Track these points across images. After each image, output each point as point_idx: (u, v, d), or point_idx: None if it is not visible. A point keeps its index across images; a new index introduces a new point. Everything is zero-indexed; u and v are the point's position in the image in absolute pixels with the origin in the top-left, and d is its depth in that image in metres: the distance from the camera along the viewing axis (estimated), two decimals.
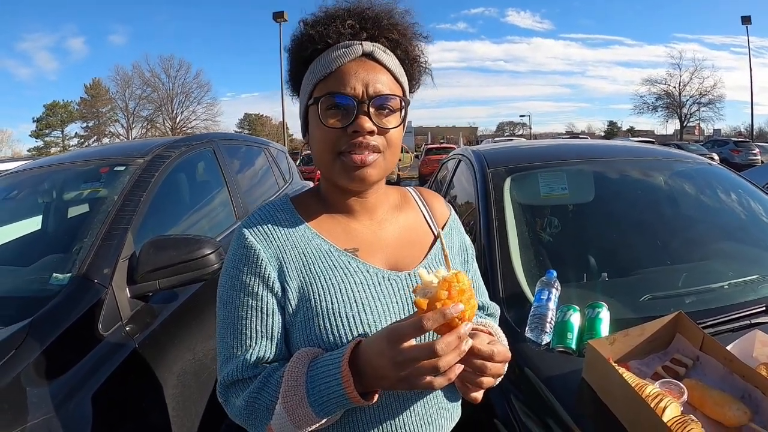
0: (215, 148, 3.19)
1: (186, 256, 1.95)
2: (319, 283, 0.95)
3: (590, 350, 1.33)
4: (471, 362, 0.84)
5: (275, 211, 1.02)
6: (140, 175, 2.36)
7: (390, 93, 0.96)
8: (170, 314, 2.08)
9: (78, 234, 2.09)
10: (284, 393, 0.85)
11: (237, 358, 0.93)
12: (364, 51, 0.96)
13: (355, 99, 0.93)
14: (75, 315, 1.71)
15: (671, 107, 52.43)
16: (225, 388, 0.95)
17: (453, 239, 1.15)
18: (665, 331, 1.48)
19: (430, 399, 1.01)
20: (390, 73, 0.99)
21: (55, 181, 2.80)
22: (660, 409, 1.13)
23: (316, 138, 0.97)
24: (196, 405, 2.04)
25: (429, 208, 1.16)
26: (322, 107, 0.94)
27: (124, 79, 53.39)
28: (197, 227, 2.76)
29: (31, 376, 1.47)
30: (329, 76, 0.95)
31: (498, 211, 2.16)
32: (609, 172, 2.65)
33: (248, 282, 0.94)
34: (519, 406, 1.41)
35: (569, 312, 1.55)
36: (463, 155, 3.08)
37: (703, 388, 1.27)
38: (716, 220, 2.49)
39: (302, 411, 0.83)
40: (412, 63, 1.05)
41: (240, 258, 0.96)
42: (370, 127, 0.93)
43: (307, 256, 0.97)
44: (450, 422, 1.07)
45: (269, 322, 0.94)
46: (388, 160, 0.99)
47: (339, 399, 0.81)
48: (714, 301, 1.73)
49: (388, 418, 0.96)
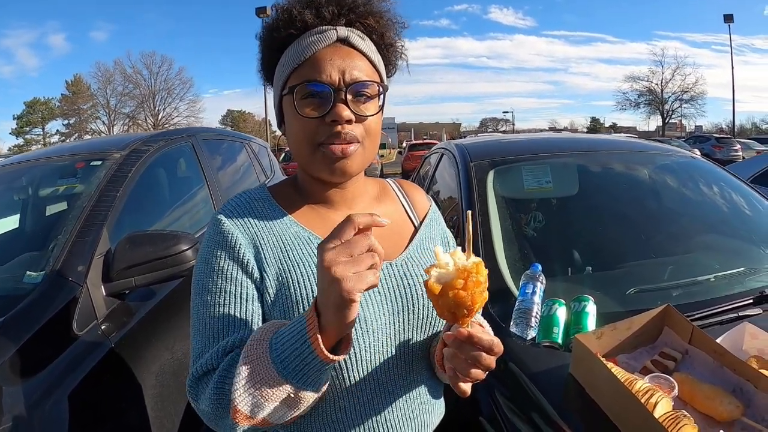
0: (194, 143, 3.13)
1: (163, 252, 1.90)
2: (298, 270, 0.91)
3: (577, 345, 1.31)
4: (467, 352, 0.79)
5: (252, 199, 0.98)
6: (116, 170, 2.30)
7: (367, 79, 0.92)
8: (147, 312, 2.03)
9: (54, 231, 2.03)
10: (246, 350, 0.78)
11: (211, 347, 0.87)
12: (338, 36, 0.93)
13: (331, 86, 0.89)
14: (48, 314, 1.66)
15: (653, 104, 53.15)
16: (195, 381, 0.86)
17: (434, 230, 1.12)
18: (653, 324, 1.46)
19: (413, 395, 0.98)
20: (366, 58, 0.95)
21: (31, 178, 2.73)
22: (651, 404, 1.10)
23: (293, 129, 0.93)
24: (175, 405, 2.00)
25: (409, 199, 1.13)
26: (298, 96, 0.90)
27: (105, 76, 52.99)
28: (176, 224, 2.71)
29: (4, 377, 1.43)
30: (303, 64, 0.91)
31: (481, 205, 2.13)
32: (593, 165, 2.64)
33: (225, 267, 0.90)
34: (504, 403, 1.38)
35: (555, 306, 1.53)
36: (446, 149, 3.06)
37: (693, 383, 1.25)
38: (701, 213, 2.49)
39: (262, 368, 0.75)
40: (388, 48, 1.01)
41: (216, 243, 0.92)
42: (348, 116, 0.89)
43: (285, 242, 0.93)
44: (434, 418, 1.04)
45: (247, 309, 0.89)
46: (367, 149, 0.95)
47: (301, 349, 0.73)
48: (701, 294, 1.72)
49: (370, 415, 0.93)
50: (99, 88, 53.39)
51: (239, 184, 3.71)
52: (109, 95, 53.25)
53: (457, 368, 0.81)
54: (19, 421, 1.37)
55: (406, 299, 0.96)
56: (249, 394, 0.75)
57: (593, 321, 1.51)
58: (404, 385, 0.97)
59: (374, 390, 0.93)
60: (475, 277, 0.73)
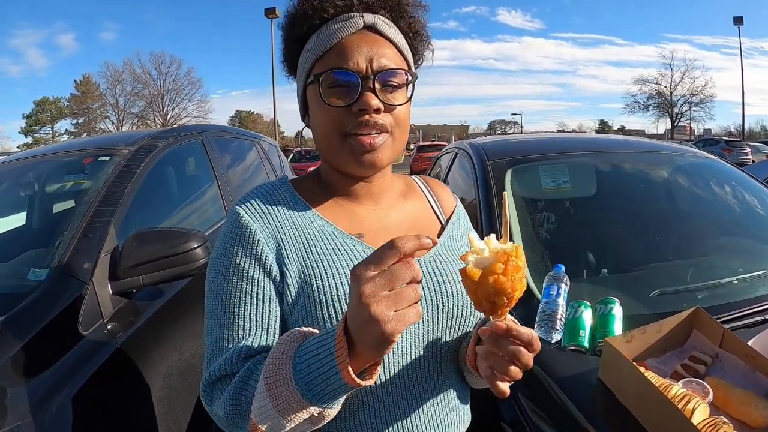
0: (204, 140, 3.10)
1: (172, 250, 1.85)
2: (322, 267, 0.85)
3: (608, 349, 1.26)
4: (505, 347, 0.73)
5: (273, 190, 0.93)
6: (125, 166, 2.26)
7: (396, 67, 0.88)
8: (155, 312, 1.99)
9: (59, 228, 1.99)
10: (267, 368, 0.72)
11: (226, 351, 0.82)
12: (365, 23, 0.89)
13: (358, 74, 0.85)
14: (53, 312, 1.61)
15: (662, 107, 52.94)
16: (210, 385, 0.82)
17: (461, 228, 1.07)
18: (682, 327, 1.42)
19: (440, 399, 0.93)
20: (394, 45, 0.91)
21: (38, 174, 2.70)
22: (688, 411, 1.06)
23: (319, 119, 0.89)
24: (183, 408, 1.96)
25: (435, 196, 1.09)
26: (323, 85, 0.86)
27: (114, 76, 53.40)
28: (185, 221, 2.68)
29: (6, 376, 1.39)
30: (329, 52, 0.87)
31: (500, 204, 2.07)
32: (611, 165, 2.60)
33: (242, 265, 0.84)
34: (530, 408, 1.34)
35: (580, 308, 1.48)
36: (460, 148, 3.00)
37: (726, 387, 1.21)
38: (721, 214, 2.45)
39: (286, 390, 0.69)
40: (415, 36, 0.97)
41: (233, 238, 0.86)
42: (377, 105, 0.85)
43: (308, 237, 0.88)
44: (461, 425, 0.99)
45: (265, 310, 0.83)
46: (397, 140, 0.90)
47: (328, 374, 0.66)
48: (726, 297, 1.68)
49: (395, 420, 0.87)
50: (108, 88, 53.89)
51: (249, 182, 3.68)
52: (118, 95, 53.73)
53: (494, 366, 0.75)
54: (23, 422, 1.32)
55: (436, 297, 0.91)
56: (269, 414, 0.70)
57: (620, 324, 1.46)
58: (432, 389, 0.92)
59: (401, 394, 0.88)
60: (514, 261, 0.68)
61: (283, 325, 0.85)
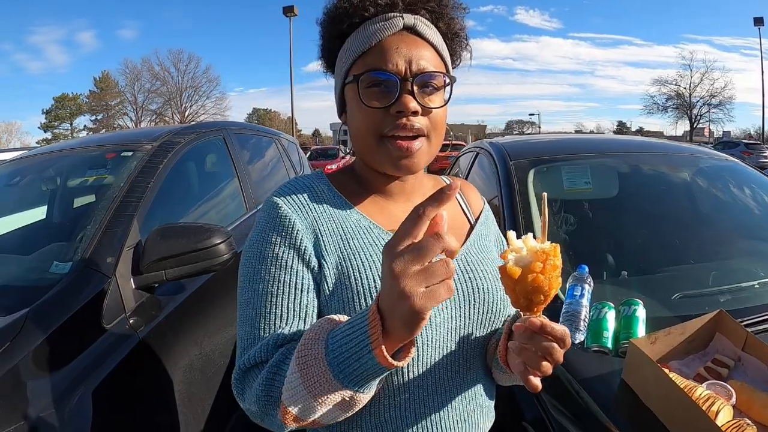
0: (226, 137, 3.12)
1: (195, 246, 1.87)
2: (359, 259, 0.86)
3: (633, 350, 1.25)
4: (539, 343, 0.74)
5: (311, 182, 0.95)
6: (148, 161, 2.28)
7: (434, 70, 0.88)
8: (177, 307, 2.00)
9: (82, 222, 2.02)
10: (300, 349, 0.71)
11: (261, 340, 0.81)
12: (405, 24, 0.89)
13: (397, 76, 0.86)
14: (76, 305, 1.63)
15: (681, 108, 52.36)
16: (243, 374, 0.81)
17: (489, 229, 1.10)
18: (705, 330, 1.42)
19: (469, 395, 0.94)
20: (433, 47, 0.91)
21: (59, 168, 2.74)
22: (713, 413, 1.07)
23: (357, 119, 0.89)
24: (203, 402, 1.98)
25: (465, 197, 1.11)
26: (362, 86, 0.87)
27: (133, 73, 53.99)
28: (206, 217, 2.70)
29: (29, 368, 1.40)
30: (368, 52, 0.88)
31: (523, 204, 2.09)
32: (633, 166, 2.59)
33: (280, 254, 0.85)
34: (552, 407, 1.34)
35: (604, 309, 1.47)
36: (482, 148, 3.00)
37: (750, 391, 1.21)
38: (743, 218, 2.44)
39: (318, 370, 0.68)
40: (454, 37, 0.98)
41: (271, 228, 0.87)
42: (415, 107, 0.85)
43: (345, 230, 0.89)
44: (487, 421, 1.00)
45: (303, 300, 0.84)
46: (433, 144, 0.91)
47: (361, 354, 0.65)
48: (749, 300, 1.68)
49: (425, 414, 0.89)
50: (127, 85, 54.54)
51: (269, 178, 3.71)
52: (137, 92, 54.34)
53: (528, 361, 0.76)
54: (46, 413, 1.34)
55: (468, 293, 0.93)
56: (300, 396, 0.70)
57: (643, 326, 1.46)
58: (461, 384, 0.93)
59: (431, 387, 0.89)
60: (552, 260, 0.70)
61: (320, 315, 0.85)
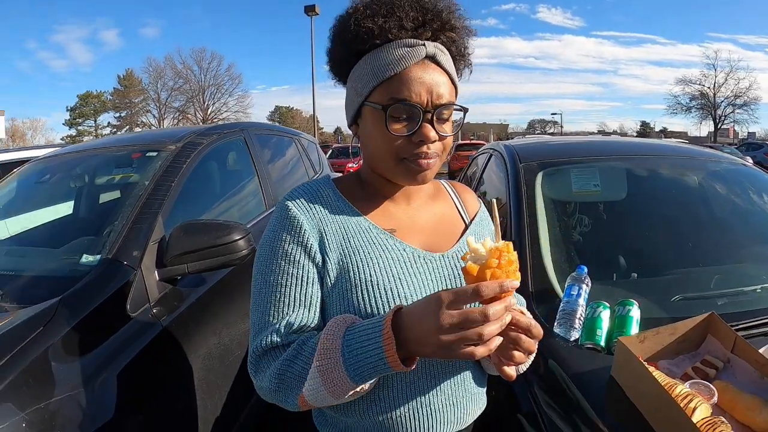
0: (246, 137, 3.21)
1: (215, 241, 1.97)
2: (358, 256, 0.97)
3: (620, 347, 1.31)
4: (507, 333, 0.84)
5: (318, 187, 1.04)
6: (172, 161, 2.38)
7: (450, 101, 0.97)
8: (197, 298, 2.10)
9: (109, 218, 2.13)
10: (319, 354, 0.85)
11: (272, 326, 0.93)
12: (427, 53, 0.96)
13: (420, 107, 0.94)
14: (104, 295, 1.74)
15: (705, 108, 51.39)
16: (257, 358, 0.94)
17: (483, 229, 1.17)
18: (696, 331, 1.45)
19: (458, 381, 1.03)
20: (448, 75, 0.99)
21: (87, 166, 2.85)
22: (690, 409, 1.11)
23: (378, 139, 0.97)
24: (220, 389, 2.06)
25: (461, 199, 1.20)
26: (388, 114, 0.94)
27: (156, 71, 54.66)
28: (227, 214, 2.79)
29: (59, 352, 1.51)
30: (393, 78, 0.94)
31: (530, 207, 2.14)
32: (642, 169, 2.60)
33: (290, 250, 0.96)
34: (545, 401, 1.39)
35: (599, 309, 1.53)
36: (495, 150, 3.05)
37: (733, 392, 1.24)
38: (751, 223, 2.44)
39: (336, 374, 0.83)
40: (462, 59, 1.05)
41: (282, 227, 0.98)
42: (434, 137, 0.95)
43: (347, 230, 0.99)
44: (475, 407, 1.09)
45: (308, 291, 0.95)
46: (441, 160, 1.01)
47: (376, 363, 0.81)
48: (747, 304, 1.70)
49: (415, 396, 0.98)
50: (150, 83, 55.25)
51: (289, 177, 3.79)
52: (160, 89, 55.00)
53: (500, 352, 0.87)
54: (74, 392, 1.45)
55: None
56: (321, 394, 0.85)
57: (637, 325, 1.50)
58: (449, 371, 1.02)
59: (420, 372, 0.98)
60: (506, 255, 0.79)
61: (322, 305, 0.97)
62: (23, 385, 1.37)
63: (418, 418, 0.98)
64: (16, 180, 2.84)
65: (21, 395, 1.35)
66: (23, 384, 1.37)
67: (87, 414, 1.45)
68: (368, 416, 0.98)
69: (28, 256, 2.20)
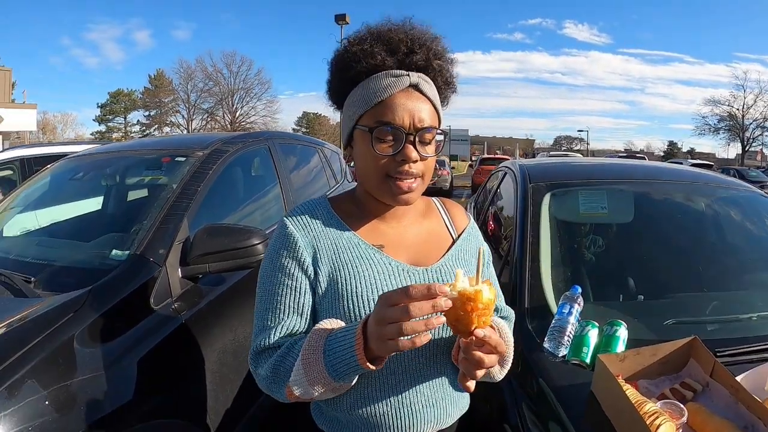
0: (270, 146, 3.31)
1: (236, 244, 2.08)
2: (347, 270, 1.08)
3: (599, 364, 1.38)
4: (471, 353, 0.96)
5: (314, 206, 1.16)
6: (199, 167, 2.50)
7: (431, 125, 1.07)
8: (216, 297, 2.24)
9: (137, 216, 2.27)
10: (304, 351, 0.97)
11: (269, 329, 1.07)
12: (411, 83, 1.07)
13: (403, 130, 1.04)
14: (130, 288, 1.87)
15: (734, 130, 50.15)
16: (256, 355, 1.08)
17: (470, 244, 1.26)
18: (679, 354, 1.50)
19: (437, 383, 1.13)
20: (431, 102, 1.10)
21: (119, 166, 3.00)
22: (654, 426, 1.17)
23: (366, 159, 1.08)
24: (232, 383, 2.16)
25: (450, 216, 1.29)
26: (374, 135, 1.05)
27: (187, 72, 55.32)
28: (249, 219, 2.89)
29: (86, 337, 1.64)
30: (379, 105, 1.06)
31: (533, 226, 2.21)
32: (650, 193, 2.64)
33: (286, 264, 1.08)
34: (528, 414, 1.47)
35: (588, 327, 1.60)
36: (510, 168, 3.14)
37: (705, 414, 1.29)
38: (756, 250, 2.46)
39: (317, 369, 0.94)
40: (447, 87, 1.17)
41: (281, 243, 1.10)
42: (416, 157, 1.05)
43: (338, 246, 1.10)
44: (456, 409, 1.18)
45: (301, 300, 1.07)
46: (425, 183, 1.11)
47: (349, 360, 0.92)
48: (737, 331, 1.74)
49: (396, 396, 1.09)
50: (180, 84, 55.90)
51: (310, 185, 3.88)
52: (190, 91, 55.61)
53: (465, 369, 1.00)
54: (97, 374, 1.59)
55: None
56: (303, 385, 0.97)
57: (623, 345, 1.57)
58: (429, 375, 1.12)
59: (402, 375, 1.10)
60: (472, 304, 0.86)
61: (314, 313, 1.09)
62: (51, 364, 1.51)
63: (400, 417, 1.09)
64: (49, 175, 3.00)
65: (48, 374, 1.49)
66: (52, 364, 1.51)
67: (108, 394, 1.58)
68: (355, 412, 1.10)
69: (60, 248, 2.33)
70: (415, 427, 1.10)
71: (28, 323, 1.59)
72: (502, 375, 1.16)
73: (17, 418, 1.35)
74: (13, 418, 1.34)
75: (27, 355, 1.48)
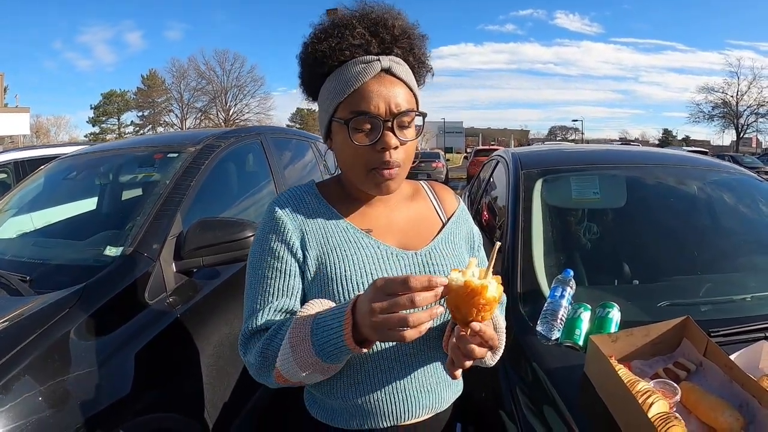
0: (263, 141, 3.31)
1: (229, 237, 2.09)
2: (335, 253, 1.08)
3: (591, 345, 1.38)
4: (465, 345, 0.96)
5: (302, 192, 1.16)
6: (191, 162, 2.51)
7: (409, 108, 1.06)
8: (211, 290, 2.25)
9: (131, 213, 2.27)
10: (291, 331, 0.96)
11: (258, 311, 1.05)
12: (383, 67, 1.05)
13: (379, 118, 1.03)
14: (124, 283, 1.88)
15: (728, 117, 50.40)
16: (246, 339, 1.06)
17: (460, 227, 1.25)
18: (672, 334, 1.50)
19: (430, 369, 1.13)
20: (406, 85, 1.08)
21: (112, 165, 3.01)
22: (647, 404, 1.17)
23: (346, 152, 1.08)
24: (229, 376, 2.17)
25: (439, 199, 1.27)
26: (351, 126, 1.03)
27: (179, 71, 55.36)
28: (242, 213, 2.89)
29: (81, 333, 1.65)
30: (353, 94, 1.04)
31: (525, 211, 2.22)
32: (642, 178, 2.65)
33: (275, 247, 1.08)
34: (522, 397, 1.47)
35: (580, 310, 1.60)
36: (502, 156, 3.16)
37: (699, 393, 1.30)
38: (748, 232, 2.48)
39: (305, 348, 0.93)
40: (420, 65, 1.14)
41: (269, 227, 1.10)
42: (395, 143, 1.04)
43: (326, 230, 1.10)
44: (450, 393, 1.18)
45: (290, 283, 1.07)
46: (406, 169, 1.10)
47: (336, 341, 0.90)
48: (731, 312, 1.74)
49: (389, 381, 1.09)
50: (173, 83, 55.94)
51: (303, 180, 3.75)
52: (183, 90, 55.73)
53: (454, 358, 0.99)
54: (92, 369, 1.59)
55: None
56: (290, 365, 0.96)
57: (616, 327, 1.57)
58: (421, 360, 1.12)
59: (394, 360, 1.09)
60: (475, 297, 0.84)
61: (303, 296, 1.08)
62: (46, 361, 1.52)
63: (394, 402, 1.09)
64: (43, 176, 3.00)
65: (43, 370, 1.49)
66: (47, 360, 1.52)
67: (104, 389, 1.58)
68: (349, 399, 1.09)
69: (55, 247, 2.34)
70: (409, 413, 1.11)
71: (23, 321, 1.59)
72: (494, 361, 1.17)
73: (13, 415, 1.35)
74: (10, 414, 1.35)
75: (23, 352, 1.48)
